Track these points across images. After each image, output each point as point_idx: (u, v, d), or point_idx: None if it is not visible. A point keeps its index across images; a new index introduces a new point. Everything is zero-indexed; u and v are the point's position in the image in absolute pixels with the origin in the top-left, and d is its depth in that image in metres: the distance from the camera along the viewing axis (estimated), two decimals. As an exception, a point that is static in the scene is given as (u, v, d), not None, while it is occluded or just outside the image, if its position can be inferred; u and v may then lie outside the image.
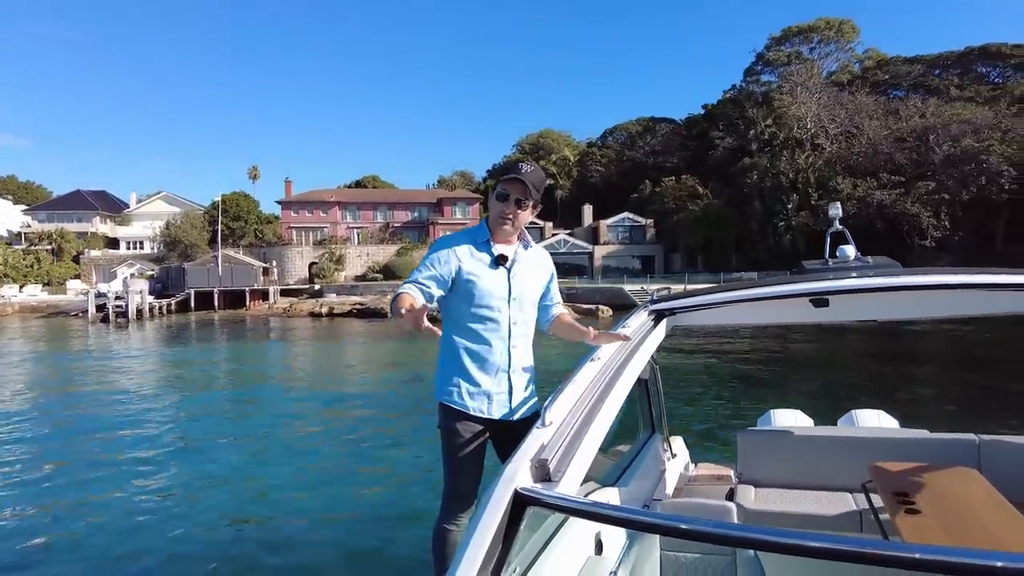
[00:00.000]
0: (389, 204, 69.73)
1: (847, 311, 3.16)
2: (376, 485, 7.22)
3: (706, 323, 3.41)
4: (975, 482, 2.94)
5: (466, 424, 2.52)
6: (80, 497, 6.87)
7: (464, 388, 2.51)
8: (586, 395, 1.86)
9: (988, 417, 9.52)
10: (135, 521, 6.11)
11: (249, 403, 13.27)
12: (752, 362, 16.13)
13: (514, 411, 2.57)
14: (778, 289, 2.92)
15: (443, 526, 2.59)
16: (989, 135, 43.04)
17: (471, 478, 2.56)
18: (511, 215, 2.50)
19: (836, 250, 3.12)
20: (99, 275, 58.25)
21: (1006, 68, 56.22)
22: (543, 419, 1.67)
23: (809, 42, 63.78)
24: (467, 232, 2.58)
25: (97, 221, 71.76)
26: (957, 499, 2.80)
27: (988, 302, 3.05)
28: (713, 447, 7.55)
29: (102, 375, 17.09)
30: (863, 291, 2.73)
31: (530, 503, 1.26)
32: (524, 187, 2.46)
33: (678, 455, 4.08)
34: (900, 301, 3.02)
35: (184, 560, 5.21)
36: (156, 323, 39.44)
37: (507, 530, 1.23)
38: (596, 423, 1.70)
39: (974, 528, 2.50)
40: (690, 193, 57.69)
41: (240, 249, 58.43)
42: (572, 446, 1.54)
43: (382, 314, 40.31)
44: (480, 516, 1.27)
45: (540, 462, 1.41)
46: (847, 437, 3.91)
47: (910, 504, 2.69)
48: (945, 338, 21.30)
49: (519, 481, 1.33)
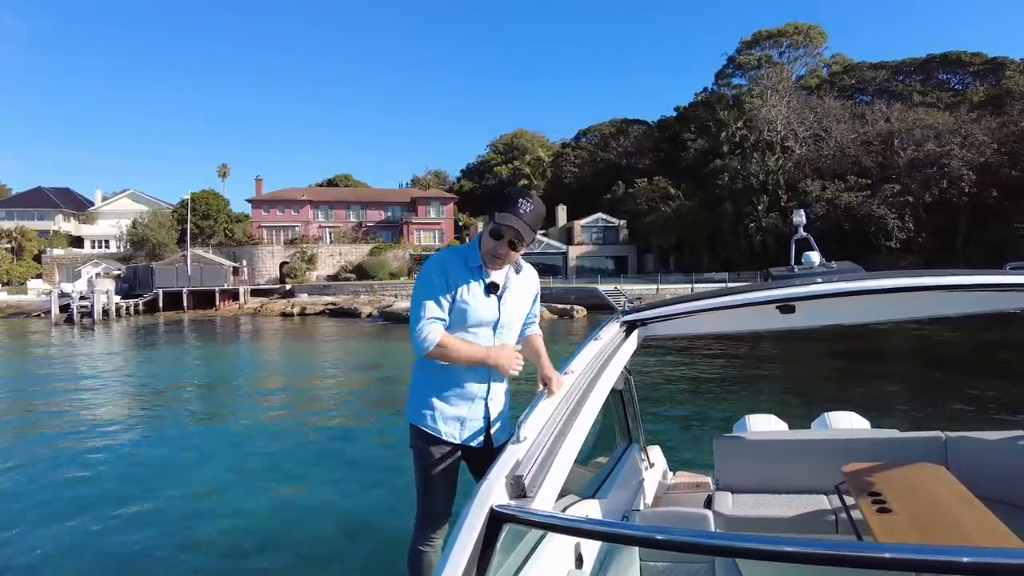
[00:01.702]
0: (362, 203, 69.17)
1: (813, 316, 3.22)
2: (342, 489, 7.10)
3: (677, 332, 3.45)
4: (942, 479, 3.04)
5: (439, 447, 2.47)
6: (37, 508, 6.47)
7: (439, 412, 2.46)
8: (560, 408, 1.86)
9: (950, 414, 9.81)
10: (91, 531, 5.77)
11: (222, 405, 13.07)
12: (721, 368, 16.35)
13: (488, 437, 2.53)
14: (745, 297, 2.96)
15: (417, 547, 2.56)
16: (950, 140, 44.33)
17: (444, 498, 2.53)
18: (503, 255, 2.40)
19: (801, 256, 3.17)
20: (62, 275, 56.67)
21: (965, 76, 57.98)
22: (517, 434, 1.65)
23: (779, 46, 64.89)
24: (458, 253, 2.48)
25: (60, 219, 69.86)
26: (927, 496, 2.88)
27: (945, 303, 3.14)
28: (689, 455, 7.61)
29: (67, 377, 16.65)
30: (827, 296, 2.77)
31: (506, 520, 1.25)
32: (519, 230, 2.34)
33: (656, 464, 4.10)
34: (864, 304, 3.09)
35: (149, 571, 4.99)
36: (123, 324, 38.52)
37: (483, 549, 1.21)
38: (571, 436, 1.70)
39: (944, 524, 2.57)
40: (662, 194, 58.24)
41: (210, 248, 57.47)
42: (547, 461, 1.53)
43: (355, 314, 39.97)
44: (456, 535, 1.25)
45: (515, 478, 1.40)
46: (820, 440, 4.00)
47: (882, 503, 2.76)
48: (907, 338, 21.85)
49: (495, 498, 1.32)
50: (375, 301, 43.73)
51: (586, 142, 78.78)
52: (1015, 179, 42.53)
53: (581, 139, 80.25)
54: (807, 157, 51.63)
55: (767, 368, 17.11)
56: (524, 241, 2.37)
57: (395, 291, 48.07)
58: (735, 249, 50.29)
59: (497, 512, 1.26)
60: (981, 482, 3.00)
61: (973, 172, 42.51)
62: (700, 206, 53.99)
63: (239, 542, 5.53)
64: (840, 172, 47.99)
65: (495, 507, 1.27)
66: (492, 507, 1.27)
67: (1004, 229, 39.84)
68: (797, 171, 50.46)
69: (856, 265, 3.07)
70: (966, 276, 2.78)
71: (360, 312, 40.12)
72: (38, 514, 6.26)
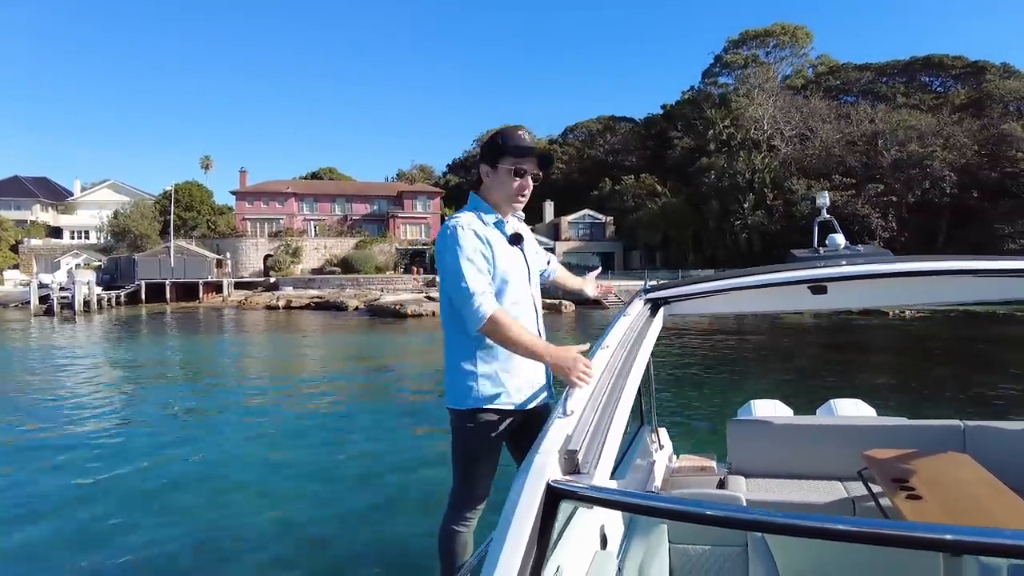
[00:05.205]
0: (347, 196, 68.55)
1: (844, 298, 3.17)
2: (336, 479, 7.02)
3: (705, 311, 3.40)
4: (969, 467, 3.04)
5: (495, 423, 2.37)
6: (21, 501, 6.19)
7: (509, 383, 2.36)
8: (602, 383, 1.82)
9: (954, 404, 9.93)
10: (83, 527, 5.50)
11: (207, 397, 12.89)
12: (714, 355, 16.48)
13: (547, 396, 2.49)
14: (777, 276, 2.87)
15: (451, 527, 2.47)
16: (933, 141, 45.09)
17: (488, 477, 2.45)
18: (528, 192, 2.39)
19: (825, 239, 3.12)
20: (41, 265, 55.48)
21: (947, 78, 58.93)
22: (564, 408, 1.60)
23: (765, 46, 65.41)
24: (474, 212, 2.40)
25: (38, 209, 68.40)
26: (955, 484, 2.88)
27: (982, 288, 3.09)
28: (690, 438, 7.64)
29: (48, 370, 16.34)
30: (863, 278, 2.71)
31: (564, 496, 1.19)
32: (535, 160, 2.37)
33: (664, 446, 4.05)
34: (896, 288, 3.07)
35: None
36: (105, 316, 37.88)
37: (542, 527, 1.15)
38: (618, 412, 1.65)
39: (975, 512, 2.56)
40: (649, 191, 58.51)
41: (193, 240, 56.62)
42: (596, 436, 1.47)
43: (342, 307, 39.65)
44: (512, 513, 1.17)
45: (569, 453, 1.33)
46: (837, 426, 3.98)
47: (911, 490, 2.76)
48: (892, 330, 22.19)
49: (549, 473, 1.25)
50: (362, 295, 43.43)
51: (573, 139, 78.87)
52: (994, 181, 43.39)
53: (568, 136, 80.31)
54: (793, 156, 52.18)
55: (756, 357, 17.29)
56: (543, 169, 2.40)
57: (382, 285, 47.79)
58: (721, 246, 50.71)
59: (554, 487, 1.19)
60: (1002, 472, 2.97)
61: (954, 173, 43.30)
62: (686, 203, 54.34)
63: (226, 530, 5.44)
64: (825, 171, 48.56)
65: (551, 482, 1.20)
66: (549, 482, 1.21)
67: (983, 230, 40.61)
68: (783, 170, 50.94)
69: (884, 249, 3.04)
70: (1000, 261, 2.73)
71: (347, 306, 39.83)
72: (14, 512, 5.96)
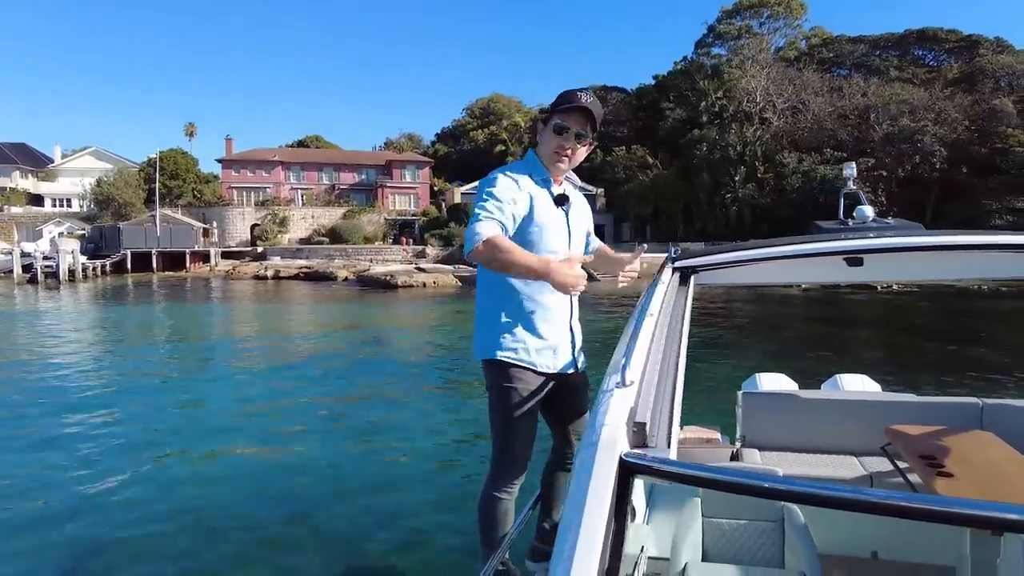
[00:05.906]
0: (335, 165, 67.69)
1: (879, 271, 3.14)
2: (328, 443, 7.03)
3: (736, 281, 3.34)
4: (996, 446, 3.02)
5: (529, 381, 2.31)
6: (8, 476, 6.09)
7: (531, 343, 2.30)
8: (654, 354, 1.75)
9: (961, 381, 10.03)
10: (78, 503, 5.41)
11: (199, 368, 12.80)
12: (706, 327, 16.52)
13: (576, 362, 2.45)
14: (813, 247, 2.79)
15: (493, 494, 2.40)
16: (924, 116, 45.02)
17: (529, 440, 2.39)
18: (569, 151, 2.26)
19: (853, 211, 3.05)
20: (22, 234, 54.53)
21: (940, 52, 58.55)
22: (623, 378, 1.52)
23: (759, 16, 64.53)
24: (523, 166, 2.32)
25: (17, 176, 66.87)
26: (984, 461, 2.86)
27: (1019, 264, 3.06)
28: (687, 410, 7.64)
29: (34, 340, 16.13)
30: (901, 250, 2.64)
31: (638, 471, 1.12)
32: (585, 119, 2.21)
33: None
34: (930, 261, 3.02)
35: (140, 544, 4.68)
36: (90, 285, 37.45)
37: (618, 503, 1.08)
38: (677, 383, 1.58)
39: (1008, 489, 2.54)
40: (640, 163, 58.15)
41: (178, 209, 55.82)
42: (659, 408, 1.41)
43: (331, 278, 39.41)
44: (585, 488, 1.10)
45: (638, 425, 1.27)
46: (853, 401, 3.96)
47: (940, 467, 2.72)
48: (881, 304, 22.40)
49: (620, 447, 1.19)
50: (351, 265, 43.16)
51: (564, 109, 77.90)
52: (984, 156, 43.52)
53: (559, 105, 79.33)
54: (784, 129, 51.92)
55: (750, 328, 17.40)
56: (589, 132, 2.24)
57: (371, 256, 47.48)
58: (711, 219, 50.66)
59: (627, 462, 1.12)
60: (1022, 450, 2.96)
61: (945, 148, 43.33)
62: (677, 175, 54.10)
63: (221, 502, 5.43)
64: (817, 145, 48.45)
65: (624, 456, 1.14)
66: (622, 456, 1.14)
67: (972, 206, 40.84)
68: (774, 143, 50.74)
69: (915, 222, 3.00)
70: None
71: (336, 276, 39.61)
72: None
